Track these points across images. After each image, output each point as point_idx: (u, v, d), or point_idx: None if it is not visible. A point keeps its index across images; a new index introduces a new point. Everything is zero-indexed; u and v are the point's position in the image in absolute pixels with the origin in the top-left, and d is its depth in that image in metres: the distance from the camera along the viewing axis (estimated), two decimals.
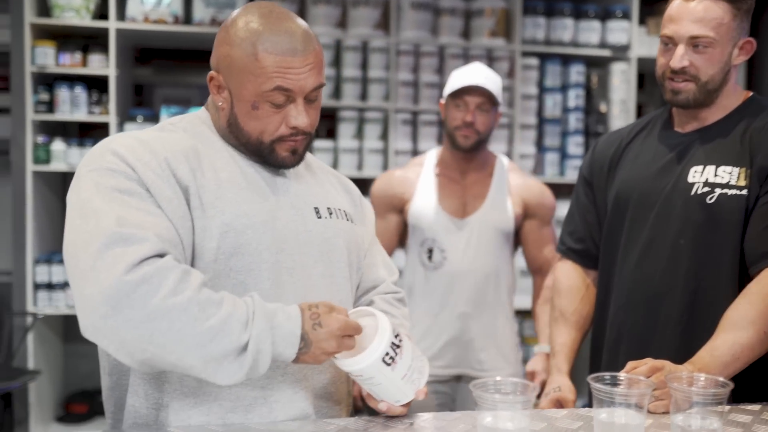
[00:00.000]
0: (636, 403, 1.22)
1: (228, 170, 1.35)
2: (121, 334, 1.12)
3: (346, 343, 1.25)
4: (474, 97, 2.39)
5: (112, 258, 1.13)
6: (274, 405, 1.33)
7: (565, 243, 2.03)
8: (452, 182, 2.53)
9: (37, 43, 3.54)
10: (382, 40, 3.77)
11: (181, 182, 1.27)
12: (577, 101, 3.93)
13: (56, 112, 3.60)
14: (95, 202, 1.20)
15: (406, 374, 1.30)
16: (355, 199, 1.63)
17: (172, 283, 1.14)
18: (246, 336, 1.17)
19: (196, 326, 1.13)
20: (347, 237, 1.48)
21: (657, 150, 1.84)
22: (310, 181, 1.49)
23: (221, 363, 1.16)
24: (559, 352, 1.91)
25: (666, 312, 1.74)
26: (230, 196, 1.31)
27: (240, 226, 1.30)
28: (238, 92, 1.33)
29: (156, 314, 1.12)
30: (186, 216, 1.26)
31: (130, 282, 1.11)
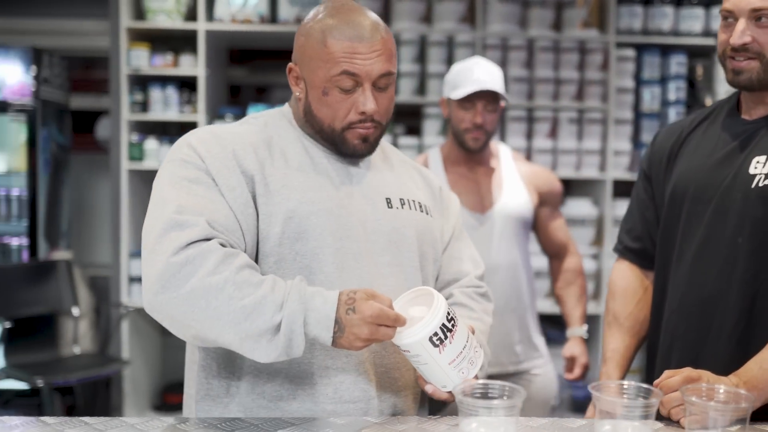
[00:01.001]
0: (642, 415, 1.10)
1: (298, 159, 1.43)
2: (169, 310, 1.23)
3: (382, 331, 1.25)
4: (481, 99, 2.33)
5: (168, 242, 1.24)
6: (339, 386, 1.38)
7: (623, 242, 1.88)
8: (463, 178, 2.44)
9: (132, 46, 3.69)
10: (468, 35, 3.68)
11: (247, 172, 1.36)
12: (677, 94, 3.69)
13: (149, 111, 3.73)
14: (165, 190, 1.32)
15: (454, 360, 1.27)
16: (435, 192, 1.64)
17: (212, 264, 1.22)
18: (279, 317, 1.22)
19: (231, 305, 1.21)
20: (419, 227, 1.51)
21: (719, 139, 1.67)
22: (385, 173, 1.53)
23: (258, 341, 1.22)
24: (610, 359, 1.77)
25: (720, 318, 1.57)
26: (296, 184, 1.38)
27: (304, 212, 1.36)
28: (311, 80, 1.40)
29: (195, 293, 1.21)
30: (249, 203, 1.35)
31: (176, 263, 1.21)
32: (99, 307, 4.09)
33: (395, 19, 3.71)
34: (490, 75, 2.35)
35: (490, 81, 2.33)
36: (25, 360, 3.56)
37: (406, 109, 3.83)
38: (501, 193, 2.45)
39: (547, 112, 3.70)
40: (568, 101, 3.69)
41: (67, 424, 1.28)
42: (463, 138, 2.38)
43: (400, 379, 1.45)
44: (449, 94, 2.39)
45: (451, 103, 2.39)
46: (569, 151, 3.70)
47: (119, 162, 3.73)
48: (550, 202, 2.56)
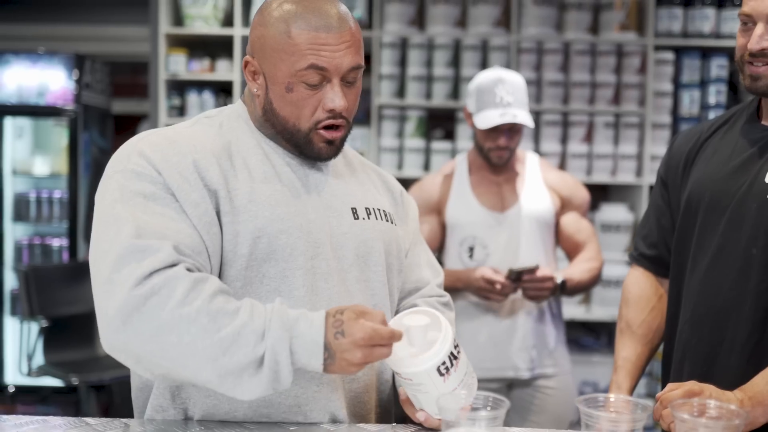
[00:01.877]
0: (628, 429, 1.06)
1: (262, 170, 1.29)
2: (135, 349, 1.10)
3: (377, 352, 1.14)
4: (505, 125, 2.32)
5: (127, 271, 1.10)
6: (308, 414, 1.28)
7: (638, 248, 1.84)
8: (486, 180, 2.45)
9: (171, 51, 3.75)
10: (503, 38, 3.64)
11: (210, 186, 1.23)
12: (718, 98, 3.59)
13: (186, 116, 3.79)
14: (117, 208, 1.17)
15: (455, 388, 1.20)
16: (396, 197, 1.55)
17: (180, 294, 1.09)
18: (262, 348, 1.10)
19: (206, 338, 1.08)
20: (386, 239, 1.41)
21: (736, 146, 1.62)
22: (348, 180, 1.42)
23: (240, 377, 1.10)
24: (621, 367, 1.73)
25: (732, 330, 1.52)
26: (263, 199, 1.26)
27: (273, 231, 1.24)
28: (273, 74, 1.27)
29: (165, 327, 1.08)
30: (213, 221, 1.22)
31: (139, 295, 1.09)
32: None
33: (430, 23, 3.70)
34: (513, 94, 2.33)
35: (514, 103, 2.32)
36: (62, 358, 3.65)
37: (441, 114, 3.81)
38: (521, 194, 2.45)
39: (583, 116, 3.64)
40: (605, 105, 3.63)
41: (109, 426, 1.23)
42: (488, 155, 2.41)
43: (369, 402, 1.38)
44: (473, 116, 2.39)
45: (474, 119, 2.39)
46: (605, 156, 3.63)
47: None
48: (574, 206, 2.52)
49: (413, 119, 3.71)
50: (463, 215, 2.44)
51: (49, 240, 4.15)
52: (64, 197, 4.09)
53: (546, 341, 2.43)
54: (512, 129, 2.35)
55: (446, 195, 2.48)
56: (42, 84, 4.03)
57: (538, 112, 3.65)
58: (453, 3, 3.68)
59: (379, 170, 1.57)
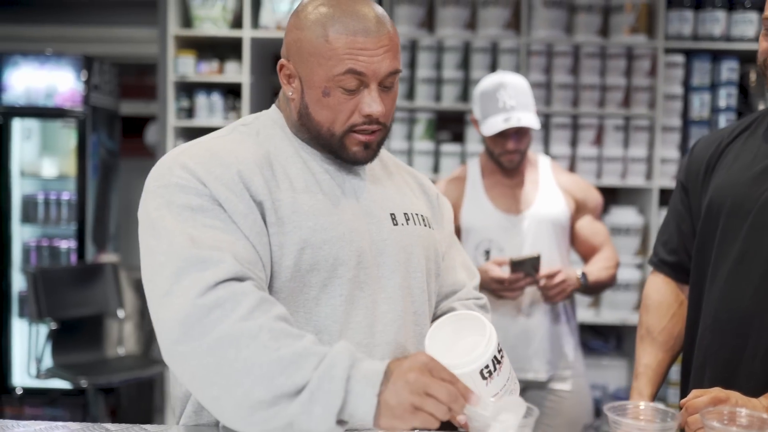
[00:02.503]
0: None
1: (303, 178, 1.28)
2: (191, 362, 1.07)
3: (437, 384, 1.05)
4: (511, 129, 2.32)
5: (189, 281, 1.08)
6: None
7: (658, 254, 1.83)
8: (499, 184, 2.46)
9: (179, 53, 3.75)
10: (513, 41, 3.63)
11: (256, 197, 1.21)
12: (728, 101, 3.58)
13: (195, 118, 3.79)
14: (167, 221, 1.15)
15: (498, 393, 1.18)
16: (433, 200, 1.53)
17: (245, 309, 1.07)
18: (319, 372, 1.04)
19: (264, 355, 1.04)
20: (425, 244, 1.40)
21: (758, 151, 1.61)
22: (386, 183, 1.41)
23: (294, 400, 1.03)
24: (642, 374, 1.72)
25: (756, 337, 1.51)
26: (306, 209, 1.24)
27: (317, 242, 1.23)
28: (309, 78, 1.25)
29: (224, 340, 1.05)
30: (263, 232, 1.20)
31: (203, 306, 1.06)
32: (144, 309, 4.17)
33: (439, 25, 3.69)
34: (516, 98, 2.33)
35: (517, 106, 2.31)
36: (70, 360, 3.65)
37: (450, 116, 3.80)
38: (536, 196, 2.45)
39: (593, 119, 3.63)
40: (615, 108, 3.62)
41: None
42: (499, 160, 2.42)
43: None
44: (479, 123, 2.39)
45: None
46: (615, 159, 3.62)
47: None
48: (588, 209, 2.52)
49: (422, 121, 3.70)
50: (478, 219, 2.43)
51: (57, 242, 4.14)
52: (72, 199, 4.08)
53: (561, 344, 2.43)
54: (519, 132, 2.35)
55: (460, 199, 2.47)
56: (50, 85, 4.03)
57: (547, 115, 3.65)
58: (463, 5, 3.67)
59: (415, 172, 1.55)
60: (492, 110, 2.33)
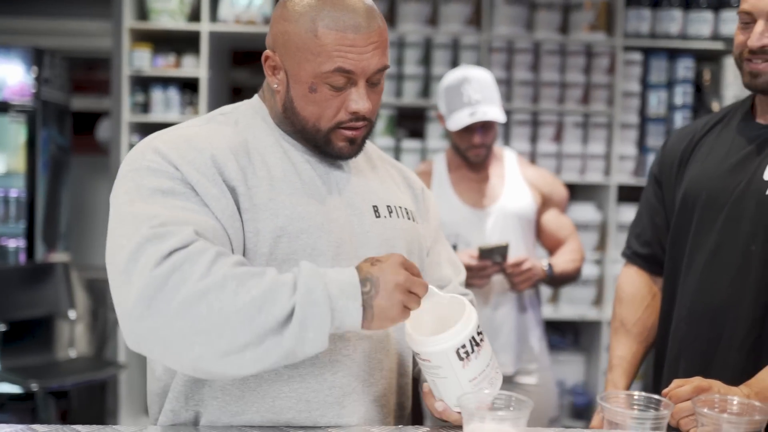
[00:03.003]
0: (652, 426, 1.04)
1: (281, 167, 1.25)
2: (161, 333, 1.03)
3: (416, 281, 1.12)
4: (476, 124, 2.32)
5: (145, 258, 1.05)
6: (319, 420, 1.23)
7: (631, 247, 1.83)
8: (466, 178, 2.45)
9: (135, 46, 3.65)
10: (474, 37, 3.63)
11: (229, 182, 1.18)
12: (684, 98, 3.64)
13: (151, 113, 3.69)
14: (135, 205, 1.12)
15: (476, 378, 1.15)
16: (417, 194, 1.51)
17: (203, 266, 1.05)
18: (295, 297, 1.05)
19: (237, 300, 1.03)
20: (408, 237, 1.37)
21: (732, 144, 1.62)
22: (369, 176, 1.38)
23: (280, 334, 1.04)
24: (617, 366, 1.72)
25: (731, 327, 1.52)
26: (283, 198, 1.22)
27: (294, 231, 1.21)
28: (296, 73, 1.23)
29: (192, 300, 1.02)
30: (235, 216, 1.18)
31: (160, 275, 1.03)
32: (96, 310, 4.05)
33: (400, 20, 3.67)
34: (481, 92, 2.33)
35: (482, 100, 2.31)
36: (20, 363, 3.52)
37: (410, 113, 3.78)
38: (502, 191, 2.45)
39: (553, 115, 3.65)
40: (574, 105, 3.65)
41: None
42: (465, 154, 2.41)
43: (386, 406, 1.33)
44: (445, 118, 2.38)
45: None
46: (574, 156, 3.65)
47: (120, 164, 3.68)
48: (554, 202, 2.54)
49: (383, 117, 3.67)
50: (445, 213, 2.41)
51: (5, 241, 4.00)
52: (21, 196, 3.94)
53: (528, 336, 2.43)
54: (485, 126, 2.35)
55: None
56: None
57: (508, 111, 3.64)
58: (424, 1, 3.65)
59: (400, 166, 1.53)
60: (457, 105, 2.33)
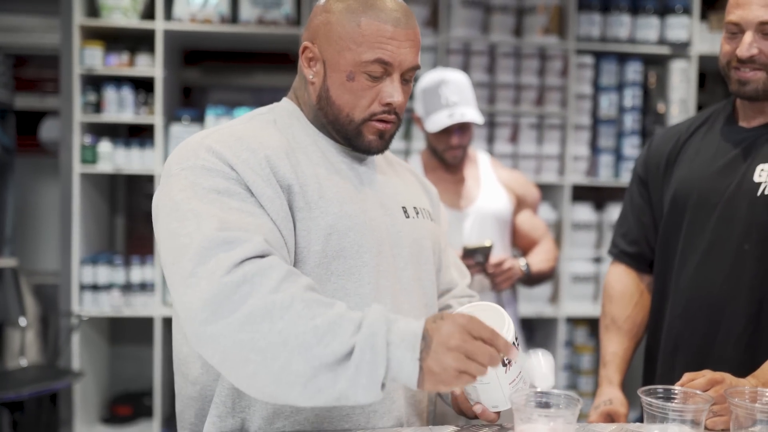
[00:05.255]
0: (692, 419, 1.10)
1: (324, 166, 1.28)
2: (223, 342, 1.02)
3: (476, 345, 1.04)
4: (454, 126, 2.37)
5: (215, 262, 1.05)
6: (371, 416, 1.25)
7: (618, 245, 1.90)
8: (442, 180, 2.48)
9: (86, 44, 3.55)
10: (431, 39, 3.67)
11: (283, 182, 1.20)
12: (633, 101, 3.77)
13: (103, 113, 3.59)
14: (193, 203, 1.11)
15: (514, 380, 1.19)
16: (433, 197, 1.56)
17: (275, 282, 1.04)
18: (357, 338, 1.02)
19: (300, 324, 1.01)
20: (433, 238, 1.42)
21: (719, 146, 1.70)
22: (393, 178, 1.42)
23: (334, 371, 1.01)
24: (611, 362, 1.78)
25: (728, 323, 1.60)
26: (331, 196, 1.24)
27: (343, 228, 1.23)
28: (335, 61, 1.26)
29: (257, 315, 1.02)
30: (288, 217, 1.19)
31: (230, 283, 1.03)
32: (46, 316, 3.92)
33: None
34: (459, 93, 2.37)
35: (460, 102, 2.36)
36: None
37: None
38: (479, 192, 2.50)
39: (508, 117, 3.72)
40: (529, 106, 3.73)
41: None
42: (443, 156, 2.44)
43: (422, 401, 1.37)
44: (423, 120, 2.41)
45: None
46: (529, 156, 3.73)
47: (71, 165, 3.58)
48: (528, 204, 2.60)
49: None
50: None
51: None
52: None
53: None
54: (462, 127, 2.39)
55: None
56: None
57: None
58: None
59: (413, 170, 1.58)
60: (435, 106, 2.36)
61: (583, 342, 3.80)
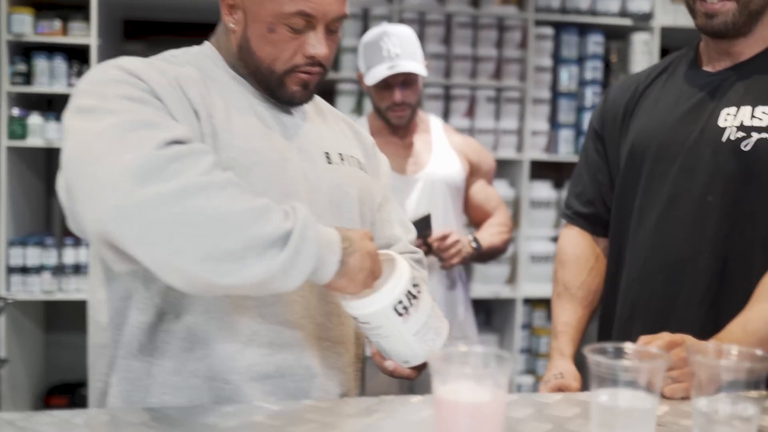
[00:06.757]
0: (646, 382, 0.93)
1: (236, 104, 1.23)
2: (148, 212, 0.94)
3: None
4: (397, 78, 2.22)
5: (138, 138, 0.98)
6: (281, 363, 1.19)
7: (572, 206, 1.74)
8: (391, 144, 2.32)
9: (14, 10, 3.32)
10: (385, 8, 3.50)
11: (192, 103, 1.14)
12: (594, 74, 3.64)
13: (34, 84, 3.36)
14: (106, 104, 1.04)
15: (419, 331, 1.14)
16: (368, 149, 1.49)
17: (207, 165, 0.99)
18: (289, 224, 1.00)
19: (237, 204, 0.98)
20: (360, 186, 1.35)
21: (681, 93, 1.55)
22: (320, 125, 1.36)
23: (262, 252, 0.97)
24: (563, 332, 1.62)
25: (689, 283, 1.45)
26: (238, 130, 1.18)
27: (247, 163, 1.16)
28: (255, 11, 1.20)
29: (192, 190, 0.95)
30: (199, 137, 1.13)
31: (161, 156, 0.96)
32: None
33: None
34: (401, 46, 2.23)
35: (402, 54, 2.21)
36: None
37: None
38: (430, 157, 2.35)
39: (465, 90, 3.57)
40: (486, 79, 3.57)
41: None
42: (387, 116, 2.29)
43: (345, 354, 1.28)
44: (363, 73, 2.25)
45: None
46: (487, 131, 3.57)
47: None
48: (482, 172, 2.45)
49: None
50: None
51: None
52: None
53: (456, 311, 2.33)
54: (406, 83, 2.24)
55: None
56: None
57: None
58: None
59: (350, 120, 1.51)
60: (376, 59, 2.22)
61: (542, 324, 3.66)
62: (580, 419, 1.04)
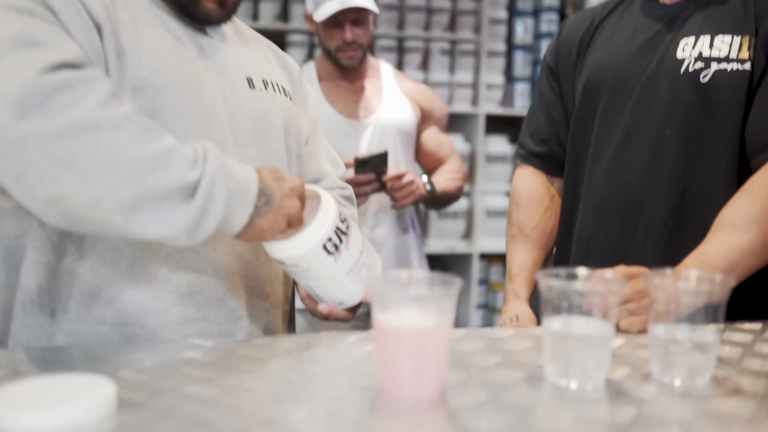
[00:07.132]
0: (601, 308, 0.87)
1: (147, 20, 1.09)
2: (28, 151, 0.82)
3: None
4: (347, 15, 2.13)
5: (18, 60, 0.85)
6: (202, 304, 1.08)
7: (525, 146, 1.68)
8: (339, 88, 2.26)
9: None
10: None
11: (93, 16, 1.00)
12: (550, 26, 3.58)
13: None
14: None
15: (352, 269, 1.07)
16: (295, 77, 1.38)
17: (102, 96, 0.87)
18: (196, 174, 0.88)
19: (134, 148, 0.85)
20: (285, 115, 1.25)
21: (638, 24, 1.49)
22: (241, 48, 1.24)
23: (160, 204, 0.86)
24: (517, 275, 1.57)
25: (646, 219, 1.40)
26: (149, 47, 1.05)
27: (160, 84, 1.04)
28: None
29: (81, 127, 0.83)
30: (100, 57, 1.00)
31: (46, 84, 0.84)
32: None
33: None
34: None
35: None
36: None
37: (268, 37, 3.48)
38: (380, 103, 2.27)
39: (419, 42, 3.48)
40: (440, 31, 3.49)
41: None
42: (337, 57, 2.20)
43: (272, 294, 1.19)
44: (312, 12, 2.16)
45: (316, 20, 2.16)
46: (441, 84, 3.50)
47: None
48: (434, 119, 2.39)
49: None
50: None
51: None
52: None
53: (408, 260, 2.27)
54: (357, 21, 2.16)
55: None
56: None
57: (373, 37, 3.44)
58: None
59: (275, 47, 1.39)
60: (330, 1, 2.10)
61: (499, 279, 3.62)
62: (533, 351, 0.98)
